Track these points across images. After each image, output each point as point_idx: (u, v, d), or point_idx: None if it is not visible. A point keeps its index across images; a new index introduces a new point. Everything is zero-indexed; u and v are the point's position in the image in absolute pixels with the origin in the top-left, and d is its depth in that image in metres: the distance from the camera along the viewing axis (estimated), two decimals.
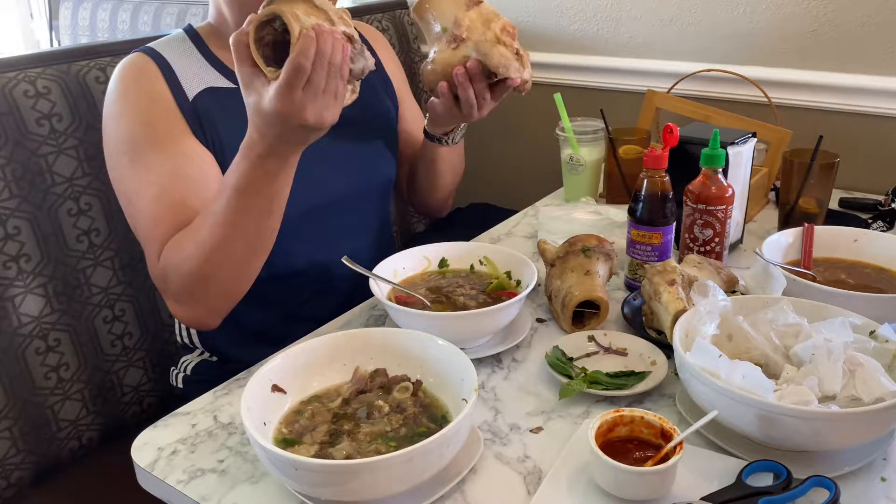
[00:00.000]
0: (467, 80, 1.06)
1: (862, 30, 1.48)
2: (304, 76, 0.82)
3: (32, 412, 1.19)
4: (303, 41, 0.81)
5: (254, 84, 0.85)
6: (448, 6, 1.06)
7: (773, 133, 1.43)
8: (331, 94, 0.85)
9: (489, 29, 1.04)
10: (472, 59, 1.04)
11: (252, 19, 0.85)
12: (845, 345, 0.81)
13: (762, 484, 0.73)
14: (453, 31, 1.05)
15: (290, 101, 0.83)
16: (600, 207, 1.40)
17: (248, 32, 0.84)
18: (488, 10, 1.06)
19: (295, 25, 0.82)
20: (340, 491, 0.71)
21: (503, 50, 1.04)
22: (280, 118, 0.85)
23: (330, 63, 0.83)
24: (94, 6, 2.50)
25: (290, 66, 0.81)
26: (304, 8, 0.85)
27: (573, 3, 1.81)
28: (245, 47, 0.85)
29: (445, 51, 1.06)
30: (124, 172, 1.04)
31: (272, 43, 0.86)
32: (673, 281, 0.97)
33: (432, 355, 0.86)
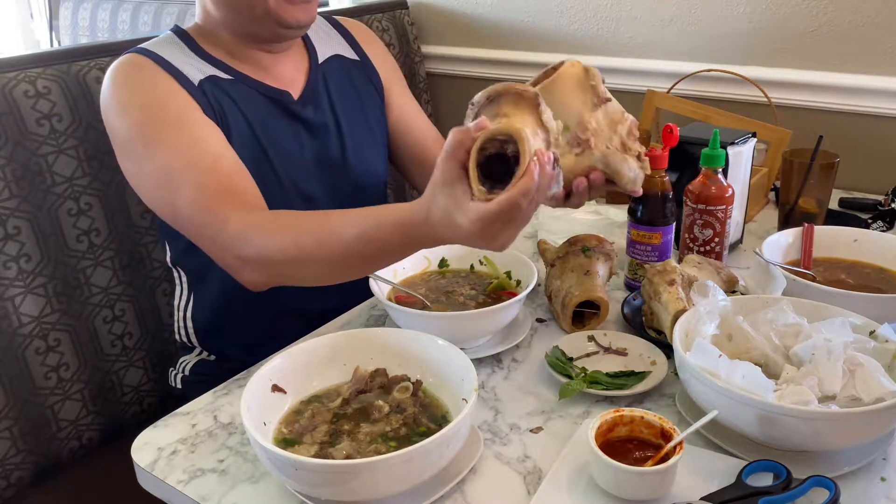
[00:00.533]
0: (587, 190, 0.94)
1: (862, 30, 1.48)
2: (516, 213, 0.76)
3: (32, 412, 1.19)
4: (526, 180, 0.74)
5: (454, 189, 0.77)
6: (572, 100, 0.91)
7: (773, 133, 1.43)
8: (524, 222, 0.79)
9: (615, 133, 0.92)
10: (598, 172, 0.92)
11: (486, 130, 0.76)
12: (845, 345, 0.81)
13: (762, 484, 0.73)
14: (577, 133, 0.91)
15: (490, 230, 0.77)
16: (600, 207, 1.40)
17: (475, 140, 0.75)
18: (615, 109, 0.94)
19: (527, 156, 0.74)
20: (340, 491, 0.71)
21: (633, 163, 0.91)
22: (470, 239, 0.79)
23: (538, 200, 0.78)
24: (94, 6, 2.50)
25: (507, 203, 0.74)
26: (531, 123, 0.78)
27: (573, 3, 1.81)
28: (465, 152, 0.76)
29: (567, 155, 0.91)
30: (143, 158, 1.01)
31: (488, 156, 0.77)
32: (673, 281, 0.97)
33: (432, 355, 0.86)
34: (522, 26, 1.90)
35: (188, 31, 1.14)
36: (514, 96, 0.79)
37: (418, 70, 1.98)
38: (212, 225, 0.97)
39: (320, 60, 1.23)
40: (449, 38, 2.03)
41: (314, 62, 1.22)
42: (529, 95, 0.79)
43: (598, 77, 0.93)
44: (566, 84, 0.92)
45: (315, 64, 1.22)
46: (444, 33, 2.03)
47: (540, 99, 0.79)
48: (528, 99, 0.79)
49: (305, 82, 1.19)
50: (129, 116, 1.02)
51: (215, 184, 0.98)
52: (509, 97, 0.79)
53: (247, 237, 0.94)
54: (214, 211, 0.97)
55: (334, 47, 1.27)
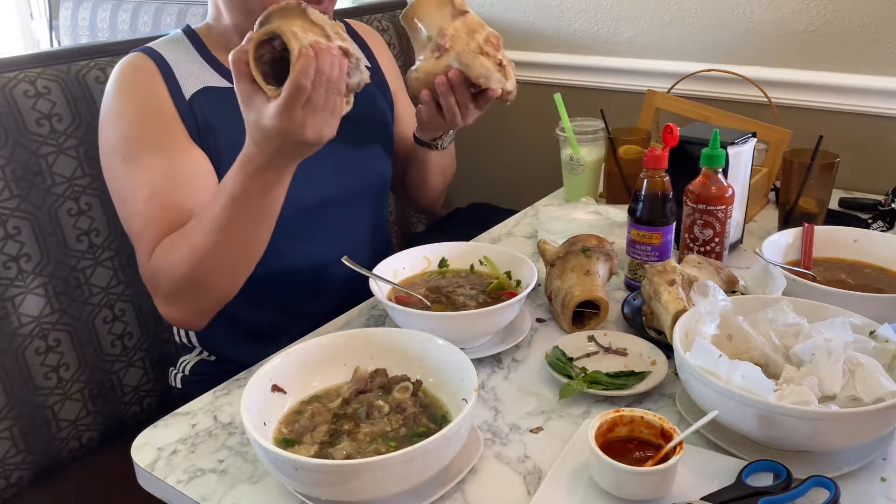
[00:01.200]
0: (449, 89, 1.06)
1: (862, 30, 1.48)
2: (305, 95, 0.83)
3: (32, 412, 1.19)
4: (303, 61, 0.82)
5: (253, 101, 0.86)
6: (434, 15, 1.06)
7: (773, 133, 1.43)
8: (329, 110, 0.86)
9: (473, 39, 1.05)
10: (454, 70, 1.05)
11: (251, 37, 0.85)
12: (845, 345, 0.81)
13: (762, 484, 0.73)
14: (437, 41, 1.05)
15: (291, 119, 0.84)
16: (600, 207, 1.40)
17: (248, 50, 0.85)
18: (474, 20, 1.07)
19: (294, 44, 0.82)
20: (340, 491, 0.71)
21: (485, 61, 1.04)
22: (280, 135, 0.86)
23: (328, 80, 0.84)
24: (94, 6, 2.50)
25: (290, 86, 0.82)
26: (300, 24, 0.85)
27: (573, 3, 1.81)
28: (245, 65, 0.85)
29: (429, 59, 1.07)
30: (118, 172, 1.05)
31: (270, 60, 0.86)
32: (673, 281, 0.97)
33: (432, 355, 0.86)
34: (522, 26, 1.90)
35: (198, 31, 1.15)
36: (280, 11, 0.86)
37: None
38: (140, 258, 1.04)
39: None
40: None
41: None
42: (291, 5, 0.86)
43: None
44: (429, 2, 1.06)
45: None
46: None
47: (304, 5, 0.87)
48: (291, 8, 0.86)
49: None
50: (118, 126, 1.05)
51: (163, 223, 1.02)
52: (275, 13, 0.86)
53: (157, 269, 1.01)
54: (144, 246, 1.02)
55: None
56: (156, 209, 1.02)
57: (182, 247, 0.98)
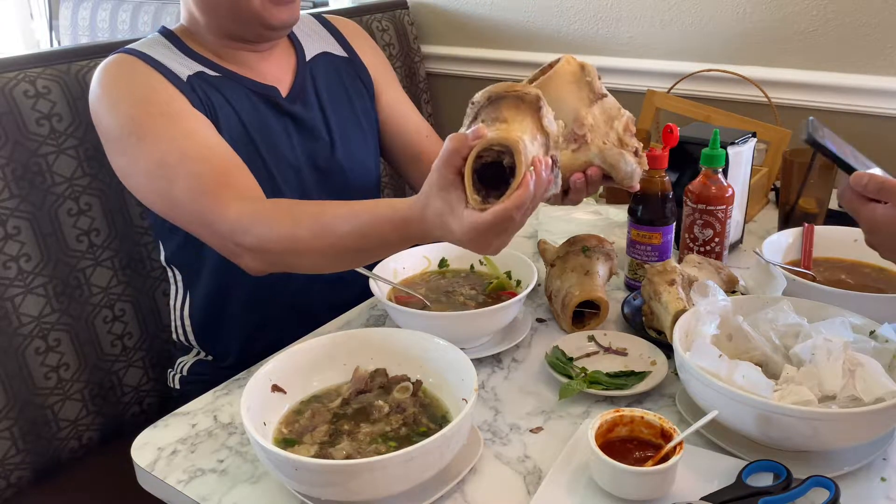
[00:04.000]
0: (585, 186, 0.95)
1: (862, 30, 1.48)
2: (510, 224, 0.77)
3: (32, 412, 1.19)
4: (521, 192, 0.74)
5: (449, 194, 0.78)
6: (568, 96, 0.92)
7: (773, 133, 1.43)
8: (518, 229, 0.80)
9: (612, 128, 0.93)
10: (595, 168, 0.93)
11: (482, 140, 0.76)
12: (845, 345, 0.81)
13: (762, 484, 0.73)
14: (574, 130, 0.92)
15: (483, 238, 0.78)
16: (600, 207, 1.40)
17: (472, 148, 0.76)
18: (612, 105, 0.94)
19: (522, 169, 0.74)
20: (340, 491, 0.71)
21: (630, 159, 0.92)
22: (462, 244, 0.81)
23: (533, 206, 0.78)
24: (94, 6, 2.50)
25: (501, 215, 0.75)
26: (531, 129, 0.77)
27: (573, 3, 1.81)
28: (461, 159, 0.76)
29: (564, 151, 0.92)
30: (136, 152, 1.01)
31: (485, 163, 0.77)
32: (673, 281, 0.97)
33: (432, 355, 0.86)
34: (522, 26, 1.90)
35: (175, 31, 1.14)
36: (515, 99, 0.78)
37: (418, 70, 1.98)
38: (210, 213, 0.97)
39: (307, 58, 1.23)
40: (449, 38, 2.03)
41: (301, 60, 1.22)
42: (531, 99, 0.78)
43: (594, 73, 0.93)
44: (562, 80, 0.92)
45: (302, 61, 1.22)
46: (444, 33, 2.03)
47: (542, 102, 0.78)
48: (529, 102, 0.78)
49: (293, 80, 1.19)
50: (120, 112, 1.02)
51: (212, 173, 0.99)
52: (510, 100, 0.78)
53: (245, 226, 0.95)
54: (213, 199, 0.97)
55: (322, 45, 1.27)
56: (196, 162, 0.99)
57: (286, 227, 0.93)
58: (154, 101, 1.03)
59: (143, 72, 1.05)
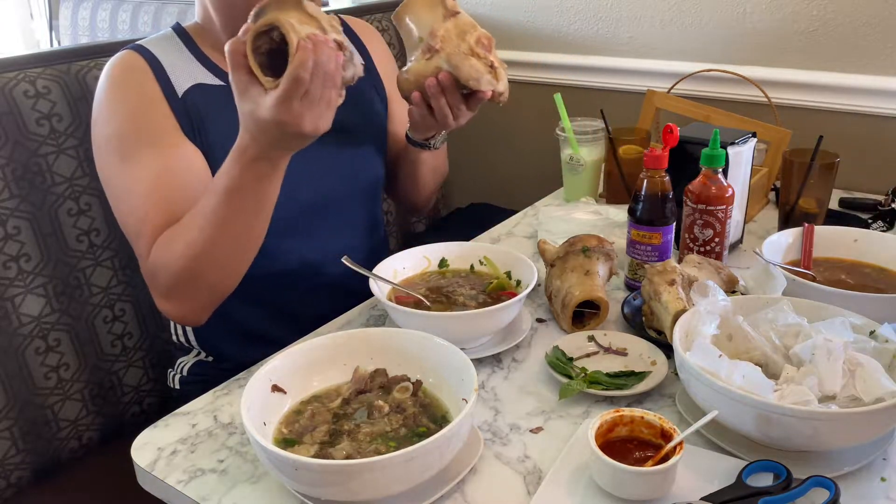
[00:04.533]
0: (439, 91, 1.06)
1: (862, 30, 1.48)
2: (303, 88, 0.83)
3: (32, 412, 1.19)
4: (301, 53, 0.82)
5: (249, 92, 0.86)
6: (425, 15, 1.05)
7: (773, 133, 1.43)
8: (325, 102, 0.87)
9: (464, 41, 1.04)
10: (444, 72, 1.04)
11: (249, 28, 0.85)
12: (845, 345, 0.81)
13: (762, 484, 0.73)
14: (428, 42, 1.05)
15: (289, 111, 0.85)
16: (600, 207, 1.40)
17: (246, 41, 0.85)
18: (465, 21, 1.06)
19: (293, 36, 0.83)
20: (340, 491, 0.71)
21: (475, 62, 1.03)
22: (277, 126, 0.86)
23: (325, 73, 0.85)
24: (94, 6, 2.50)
25: (289, 78, 0.83)
26: (297, 16, 0.86)
27: (573, 3, 1.81)
28: (242, 56, 0.85)
29: (419, 61, 1.06)
30: (114, 170, 1.05)
31: (267, 52, 0.86)
32: (673, 281, 0.97)
33: (432, 355, 0.86)
34: (522, 26, 1.90)
35: (188, 29, 1.15)
36: (276, 3, 0.86)
37: None
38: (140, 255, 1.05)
39: None
40: None
41: None
42: None
43: None
44: (420, 3, 1.05)
45: None
46: None
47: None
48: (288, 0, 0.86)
49: None
50: (112, 126, 1.05)
51: (160, 219, 1.02)
52: (272, 4, 0.86)
53: (155, 265, 1.01)
54: (145, 245, 1.02)
55: None
56: (152, 205, 1.02)
57: (179, 242, 0.98)
58: (145, 120, 1.05)
59: (143, 81, 1.07)
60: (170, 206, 1.02)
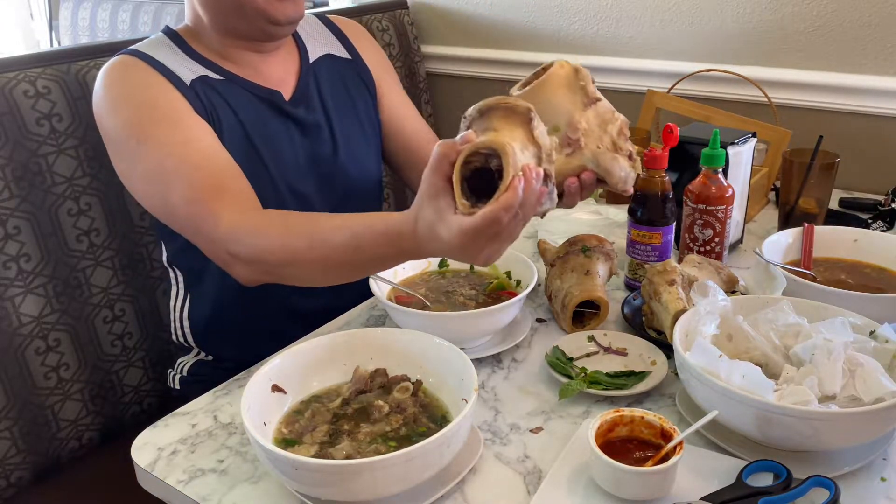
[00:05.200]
0: (579, 191, 0.93)
1: (862, 30, 1.48)
2: (499, 228, 0.75)
3: (32, 412, 1.19)
4: (510, 195, 0.73)
5: (438, 202, 0.77)
6: (562, 100, 0.91)
7: (773, 133, 1.43)
8: (509, 238, 0.79)
9: (605, 132, 0.91)
10: (589, 172, 0.92)
11: (470, 144, 0.76)
12: (845, 345, 0.81)
13: (762, 484, 0.73)
14: (567, 134, 0.90)
15: (473, 244, 0.77)
16: (600, 207, 1.40)
17: (459, 152, 0.76)
18: (606, 109, 0.92)
19: (510, 171, 0.73)
20: (340, 491, 0.71)
21: (623, 163, 0.91)
22: (453, 251, 0.80)
23: (525, 215, 0.77)
24: (94, 6, 2.50)
25: (489, 218, 0.74)
26: (521, 138, 0.77)
27: (573, 3, 1.81)
28: (449, 165, 0.76)
29: (557, 156, 0.90)
30: (135, 157, 1.02)
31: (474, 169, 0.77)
32: (673, 281, 0.97)
33: (432, 355, 0.86)
34: (522, 26, 1.90)
35: (179, 31, 1.14)
36: (505, 110, 0.78)
37: (418, 70, 1.98)
38: (204, 222, 0.98)
39: (311, 60, 1.23)
40: (449, 38, 2.03)
41: (305, 62, 1.22)
42: (521, 110, 0.78)
43: (588, 77, 0.92)
44: (556, 84, 0.91)
45: (306, 63, 1.21)
46: (444, 33, 2.03)
47: (532, 114, 0.78)
48: (519, 114, 0.78)
49: (296, 82, 1.19)
50: (121, 115, 1.02)
51: (207, 181, 0.99)
52: (500, 111, 0.78)
53: (238, 236, 0.95)
54: (207, 208, 0.97)
55: (326, 46, 1.27)
56: (192, 170, 0.99)
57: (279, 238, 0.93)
58: (156, 105, 1.03)
59: (145, 74, 1.05)
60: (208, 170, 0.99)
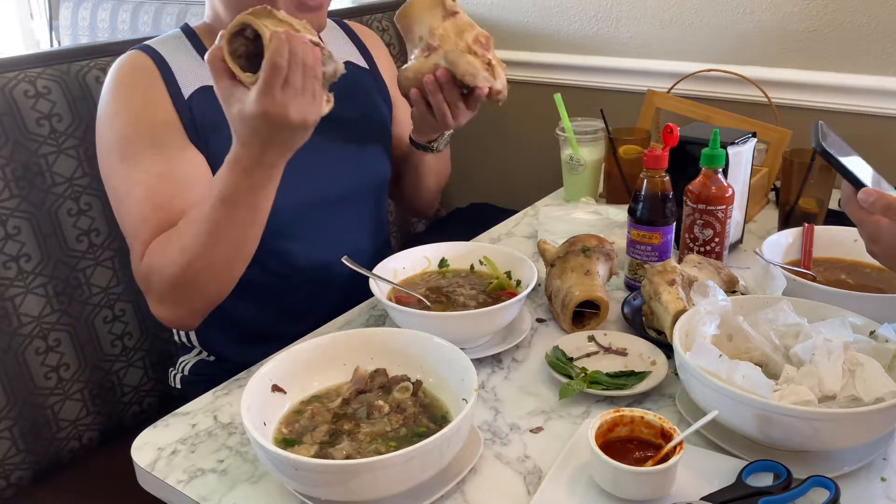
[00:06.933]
0: (437, 87, 1.07)
1: (862, 30, 1.48)
2: (282, 74, 0.84)
3: (32, 412, 1.19)
4: (275, 42, 0.84)
5: (234, 95, 0.87)
6: (425, 16, 1.08)
7: (773, 133, 1.43)
8: (309, 93, 0.87)
9: (462, 39, 1.06)
10: (442, 68, 1.06)
11: (223, 33, 0.87)
12: (845, 345, 0.81)
13: (762, 484, 0.73)
14: (427, 41, 1.07)
15: (272, 100, 0.85)
16: (600, 207, 1.40)
17: (222, 47, 0.87)
18: (464, 20, 1.08)
19: (265, 30, 0.85)
20: (340, 491, 0.71)
21: (471, 59, 1.05)
22: (264, 120, 0.86)
23: (304, 63, 0.86)
24: (94, 6, 2.50)
25: (267, 66, 0.84)
26: (270, 21, 0.88)
27: (573, 3, 1.81)
28: (221, 61, 0.87)
29: (419, 59, 1.09)
30: (114, 171, 1.05)
31: (245, 55, 0.88)
32: (673, 281, 0.97)
33: (432, 355, 0.86)
34: (522, 26, 1.90)
35: (196, 30, 1.15)
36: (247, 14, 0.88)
37: None
38: (134, 258, 1.04)
39: None
40: None
41: None
42: (258, 8, 0.89)
43: None
44: (420, 4, 1.08)
45: None
46: None
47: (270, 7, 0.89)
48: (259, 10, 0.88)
49: None
50: (116, 127, 1.05)
51: (157, 223, 1.02)
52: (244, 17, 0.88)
53: (149, 269, 1.01)
54: (140, 249, 1.02)
55: (345, 54, 1.28)
56: (150, 209, 1.02)
57: (173, 247, 0.98)
58: (149, 123, 1.05)
59: (150, 83, 1.07)
60: (165, 212, 1.02)
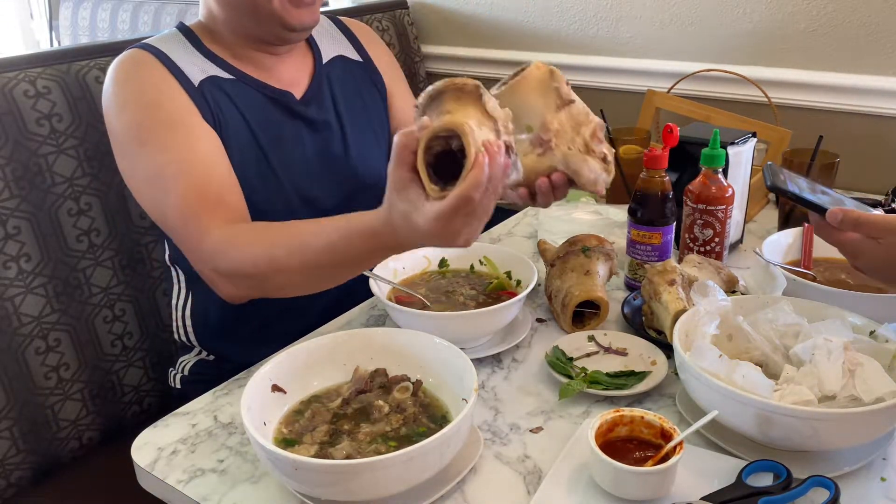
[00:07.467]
0: (550, 190, 0.93)
1: (862, 30, 1.48)
2: (472, 207, 0.76)
3: (32, 412, 1.19)
4: (476, 172, 0.74)
5: (408, 193, 0.78)
6: (535, 101, 0.92)
7: (773, 133, 1.43)
8: (484, 215, 0.80)
9: (579, 135, 0.91)
10: (559, 173, 0.91)
11: (427, 129, 0.77)
12: (845, 345, 0.81)
13: (762, 484, 0.73)
14: (539, 133, 0.91)
15: (450, 227, 0.77)
16: (600, 207, 1.40)
17: (420, 139, 0.77)
18: (580, 111, 0.93)
19: (472, 149, 0.74)
20: (340, 491, 0.71)
21: (594, 164, 0.91)
22: (432, 238, 0.80)
23: (494, 188, 0.77)
24: (94, 6, 2.50)
25: (460, 197, 0.75)
26: (476, 116, 0.78)
27: (573, 3, 1.81)
28: (411, 153, 0.77)
29: (530, 156, 0.91)
30: (137, 158, 1.02)
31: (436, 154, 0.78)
32: (673, 281, 0.97)
33: (432, 355, 0.86)
34: (522, 26, 1.90)
35: (192, 28, 1.15)
36: (455, 91, 0.79)
37: (418, 70, 1.98)
38: (193, 236, 1.00)
39: (324, 61, 1.23)
40: (449, 38, 2.03)
41: (318, 63, 1.22)
42: (469, 88, 0.79)
43: (562, 79, 0.94)
44: (530, 86, 0.93)
45: (319, 64, 1.22)
46: (444, 33, 2.03)
47: (482, 90, 0.79)
48: (468, 92, 0.79)
49: (309, 83, 1.19)
50: (127, 115, 1.03)
51: (201, 194, 1.00)
52: (450, 93, 0.79)
53: (223, 252, 0.97)
54: (196, 223, 0.99)
55: (338, 48, 1.28)
56: (188, 184, 1.00)
57: (261, 248, 0.95)
58: (162, 106, 1.03)
59: (155, 73, 1.05)
60: (206, 186, 1.00)
